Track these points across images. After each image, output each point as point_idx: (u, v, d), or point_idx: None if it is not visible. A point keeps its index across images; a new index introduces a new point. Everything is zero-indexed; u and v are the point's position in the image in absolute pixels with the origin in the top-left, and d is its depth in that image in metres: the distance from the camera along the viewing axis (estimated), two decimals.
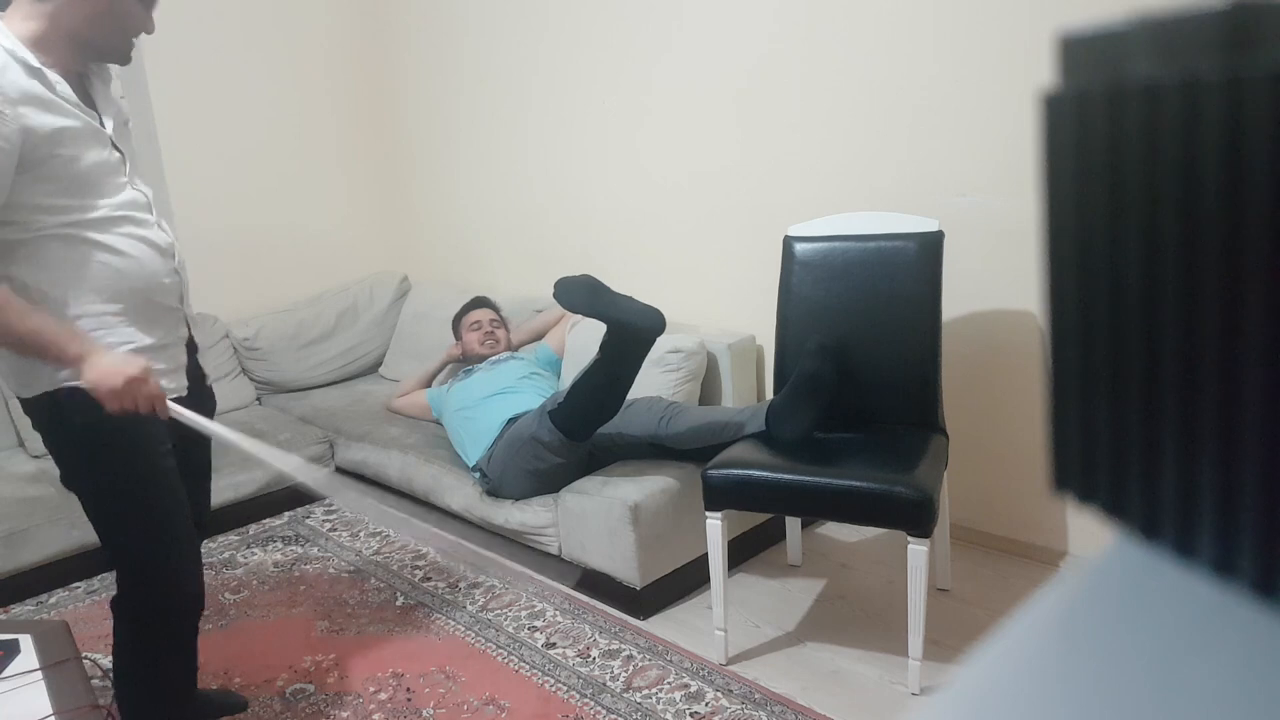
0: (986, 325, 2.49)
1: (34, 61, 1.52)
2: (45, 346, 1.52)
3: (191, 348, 1.84)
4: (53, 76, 1.54)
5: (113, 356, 1.56)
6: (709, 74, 2.94)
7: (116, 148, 1.65)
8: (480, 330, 3.17)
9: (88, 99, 1.64)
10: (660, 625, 2.40)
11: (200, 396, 1.83)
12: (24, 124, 1.48)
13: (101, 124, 1.63)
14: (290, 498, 3.25)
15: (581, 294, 2.28)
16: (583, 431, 2.46)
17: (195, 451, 1.88)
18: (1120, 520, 0.27)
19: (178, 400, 1.69)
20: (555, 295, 2.34)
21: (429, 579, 2.74)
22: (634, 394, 2.45)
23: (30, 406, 1.63)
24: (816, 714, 2.01)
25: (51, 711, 1.58)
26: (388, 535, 3.07)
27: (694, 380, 2.76)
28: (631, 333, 2.27)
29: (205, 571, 1.90)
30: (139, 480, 1.66)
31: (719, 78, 2.92)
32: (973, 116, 2.39)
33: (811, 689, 2.09)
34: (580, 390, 2.38)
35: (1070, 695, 0.24)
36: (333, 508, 3.32)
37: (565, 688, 2.16)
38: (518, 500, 2.61)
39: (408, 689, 2.20)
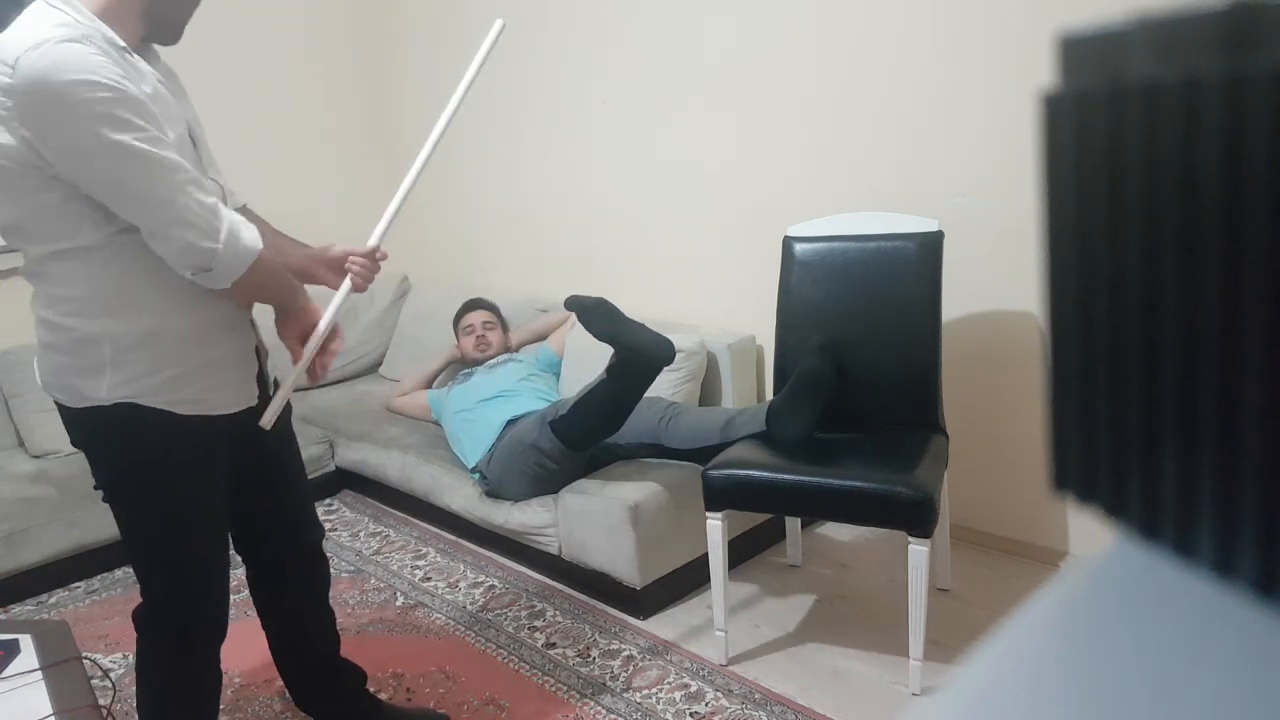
0: (986, 325, 2.49)
1: (121, 41, 1.37)
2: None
3: (262, 353, 1.71)
4: (136, 59, 1.40)
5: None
6: (709, 74, 2.94)
7: (191, 134, 1.51)
8: (473, 334, 3.16)
9: None
10: (660, 625, 2.40)
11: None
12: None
13: None
14: None
15: (600, 319, 2.27)
16: (583, 443, 2.46)
17: (274, 468, 1.76)
18: (1120, 520, 0.27)
19: (247, 411, 1.61)
20: (579, 317, 2.31)
21: (429, 579, 2.74)
22: None
23: (74, 416, 1.48)
24: (816, 714, 2.01)
25: (51, 711, 1.58)
26: (388, 535, 3.07)
27: (694, 380, 2.76)
28: (642, 361, 2.27)
29: None
30: (175, 518, 1.55)
31: (719, 78, 2.92)
32: (973, 116, 2.39)
33: (811, 689, 2.09)
34: (583, 407, 2.38)
35: (1070, 695, 0.24)
36: (332, 508, 3.32)
37: (565, 688, 2.16)
38: (517, 501, 2.61)
39: (408, 689, 2.20)
